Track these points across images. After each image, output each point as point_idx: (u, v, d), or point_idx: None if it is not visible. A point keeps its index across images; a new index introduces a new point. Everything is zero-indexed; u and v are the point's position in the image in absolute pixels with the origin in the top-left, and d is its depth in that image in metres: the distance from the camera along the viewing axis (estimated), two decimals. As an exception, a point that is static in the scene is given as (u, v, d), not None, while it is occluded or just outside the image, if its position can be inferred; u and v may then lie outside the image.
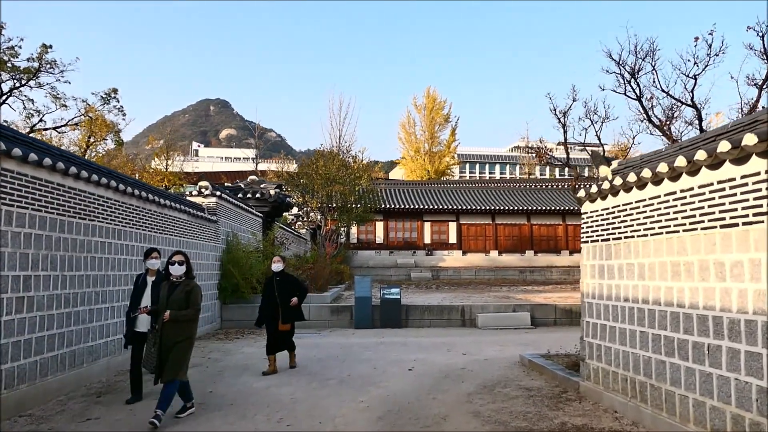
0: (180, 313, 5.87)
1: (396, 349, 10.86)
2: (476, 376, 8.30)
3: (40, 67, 29.04)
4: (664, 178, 5.38)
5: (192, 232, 12.23)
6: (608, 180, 6.41)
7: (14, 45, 27.72)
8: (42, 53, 28.96)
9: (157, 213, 10.26)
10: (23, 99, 30.20)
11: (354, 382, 7.92)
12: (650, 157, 6.15)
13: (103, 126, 35.27)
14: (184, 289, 6.00)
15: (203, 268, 13.01)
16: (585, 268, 7.07)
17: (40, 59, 28.84)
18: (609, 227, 6.48)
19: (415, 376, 8.33)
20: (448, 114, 54.71)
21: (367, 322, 14.41)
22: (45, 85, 29.98)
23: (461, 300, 17.40)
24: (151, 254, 6.90)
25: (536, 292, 21.63)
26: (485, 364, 9.26)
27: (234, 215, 15.73)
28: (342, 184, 24.60)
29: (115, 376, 8.16)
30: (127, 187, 8.74)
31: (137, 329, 6.63)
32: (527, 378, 8.10)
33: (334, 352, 10.42)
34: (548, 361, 8.60)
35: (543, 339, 12.11)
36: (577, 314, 15.14)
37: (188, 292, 5.99)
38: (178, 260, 6.06)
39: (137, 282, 6.86)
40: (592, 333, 6.83)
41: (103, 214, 8.17)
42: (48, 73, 29.42)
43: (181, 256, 6.10)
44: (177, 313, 5.85)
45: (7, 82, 28.52)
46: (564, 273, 32.56)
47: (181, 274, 6.06)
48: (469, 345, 11.34)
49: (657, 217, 5.53)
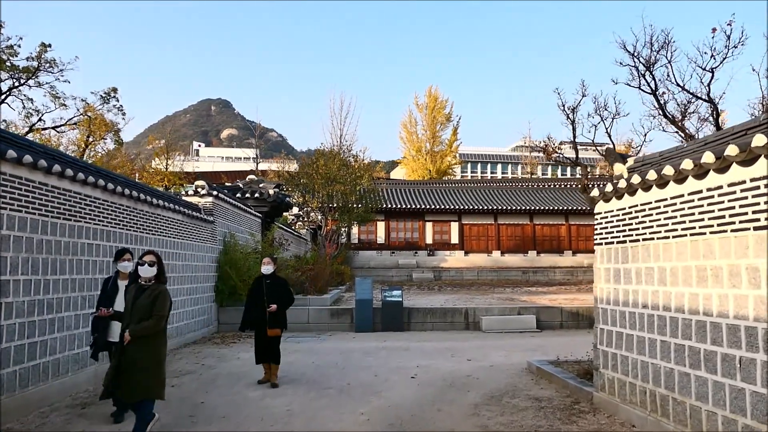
0: (140, 328, 4.99)
1: (398, 354, 10.47)
2: (482, 384, 7.89)
3: (39, 66, 28.71)
4: (689, 176, 4.97)
5: (187, 233, 11.84)
6: (625, 178, 6.00)
7: (13, 44, 27.40)
8: (41, 52, 28.63)
9: (150, 213, 9.87)
10: (22, 98, 29.88)
11: (354, 391, 7.52)
12: (670, 154, 5.75)
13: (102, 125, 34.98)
14: (152, 293, 5.15)
15: (199, 270, 12.63)
16: (599, 272, 6.66)
17: (39, 58, 28.53)
18: (626, 228, 6.07)
19: (419, 384, 7.93)
20: (450, 113, 54.22)
21: (368, 326, 14.01)
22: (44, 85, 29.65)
23: (464, 302, 17.00)
24: (122, 256, 6.33)
25: (540, 293, 21.21)
26: (491, 371, 8.85)
27: (231, 215, 15.34)
28: (343, 183, 24.21)
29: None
30: (116, 186, 8.35)
31: (110, 339, 6.04)
32: (536, 387, 7.69)
33: (334, 358, 10.02)
34: (558, 369, 8.19)
35: (550, 343, 11.71)
36: (584, 317, 14.74)
37: (155, 298, 5.13)
38: (149, 261, 5.22)
39: (105, 286, 6.33)
40: (606, 341, 6.42)
41: (90, 214, 7.77)
42: (47, 72, 29.07)
43: (153, 256, 5.30)
44: (135, 328, 4.98)
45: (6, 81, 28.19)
46: (567, 273, 32.16)
47: (150, 276, 5.23)
48: (473, 350, 10.94)
49: (680, 217, 5.12)
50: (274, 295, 7.94)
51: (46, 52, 28.85)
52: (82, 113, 33.08)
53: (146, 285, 5.23)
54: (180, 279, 11.39)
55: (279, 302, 7.92)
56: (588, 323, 14.65)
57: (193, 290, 12.18)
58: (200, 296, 12.73)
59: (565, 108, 14.42)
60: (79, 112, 32.92)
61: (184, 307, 11.62)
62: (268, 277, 8.11)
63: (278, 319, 7.95)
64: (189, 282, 11.93)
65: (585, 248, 36.24)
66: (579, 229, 36.46)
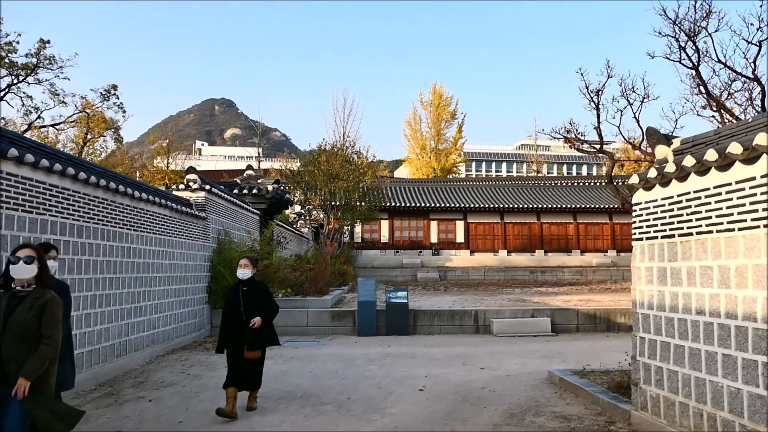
0: (32, 368, 3.58)
1: (404, 362, 9.57)
2: (500, 398, 6.99)
3: (38, 62, 28.04)
4: (763, 154, 4.06)
5: (176, 229, 10.97)
6: (672, 161, 5.09)
7: (12, 40, 26.78)
8: (40, 48, 27.96)
9: (131, 207, 9.00)
10: (21, 95, 29.22)
11: (355, 407, 6.63)
12: (730, 131, 4.83)
13: (101, 122, 34.28)
14: (34, 304, 3.70)
15: (189, 269, 11.76)
16: (638, 272, 5.74)
17: (38, 54, 27.84)
18: (674, 220, 5.15)
19: (428, 398, 7.03)
20: (455, 110, 53.26)
21: (371, 329, 13.11)
22: (44, 82, 29.04)
23: (473, 303, 16.07)
24: (47, 252, 4.55)
25: (552, 294, 20.27)
26: (508, 382, 7.94)
27: (226, 211, 14.47)
28: (345, 180, 23.37)
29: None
30: (90, 176, 7.48)
31: None
32: (561, 402, 6.78)
33: (333, 366, 9.12)
34: (585, 381, 7.27)
35: (568, 349, 10.79)
36: (601, 320, 13.82)
37: (41, 308, 3.69)
38: (24, 256, 3.76)
39: None
40: (649, 352, 5.50)
41: (57, 207, 6.90)
42: (46, 69, 28.47)
43: (30, 250, 3.84)
44: (28, 372, 3.56)
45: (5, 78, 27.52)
46: (576, 273, 31.19)
47: (28, 278, 3.78)
48: (486, 356, 10.03)
49: (749, 206, 4.21)
50: (252, 305, 6.25)
51: (45, 48, 28.20)
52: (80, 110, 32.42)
53: (23, 292, 3.77)
54: (167, 279, 10.53)
55: (260, 314, 6.25)
56: (605, 326, 13.74)
57: (182, 291, 11.31)
58: (191, 298, 11.86)
59: (589, 91, 13.24)
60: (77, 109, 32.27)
61: (172, 309, 10.75)
62: (245, 283, 6.39)
63: (260, 337, 6.26)
64: (177, 282, 11.06)
65: (593, 247, 35.32)
66: (588, 228, 35.52)
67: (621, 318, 13.84)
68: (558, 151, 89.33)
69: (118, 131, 36.26)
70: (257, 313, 6.22)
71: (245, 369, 6.18)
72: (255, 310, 6.24)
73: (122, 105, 34.70)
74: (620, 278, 30.15)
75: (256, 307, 6.27)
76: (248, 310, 6.20)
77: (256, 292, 6.37)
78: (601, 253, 35.16)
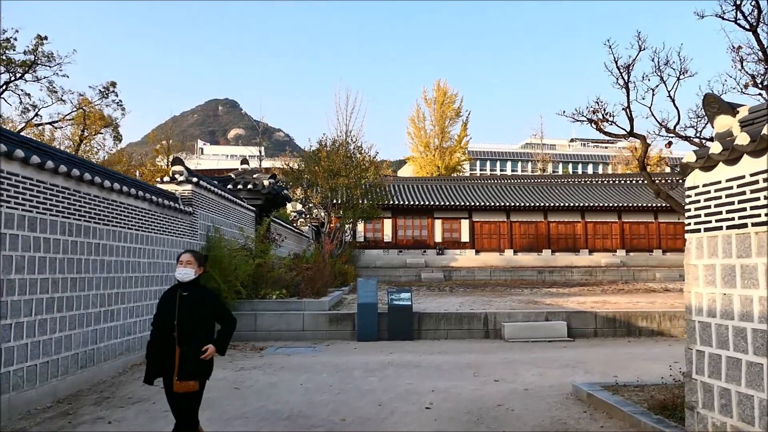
0: None
1: (408, 372, 8.54)
2: (520, 419, 5.96)
3: (36, 59, 27.24)
4: None
5: (157, 225, 9.98)
6: (745, 131, 4.06)
7: (10, 37, 26.05)
8: (37, 44, 27.15)
9: (101, 199, 7.99)
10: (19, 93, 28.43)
11: (350, 430, 5.61)
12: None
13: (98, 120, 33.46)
14: None
15: (173, 269, 10.74)
16: (694, 271, 4.71)
17: (36, 51, 27.03)
18: (746, 206, 4.13)
19: (435, 419, 6.01)
20: (459, 108, 52.14)
21: (372, 334, 12.09)
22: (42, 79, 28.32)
23: (481, 306, 15.03)
24: None
25: (563, 295, 19.20)
26: (528, 398, 6.91)
27: (217, 207, 13.47)
28: (347, 177, 22.39)
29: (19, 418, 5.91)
30: (46, 161, 6.48)
31: None
32: (594, 424, 5.74)
33: (328, 378, 8.10)
34: (618, 398, 6.24)
35: (590, 357, 9.75)
36: (621, 324, 12.78)
37: None
38: None
39: None
40: (710, 370, 4.47)
41: (2, 195, 5.90)
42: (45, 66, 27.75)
43: None
44: None
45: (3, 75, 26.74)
46: (585, 273, 30.12)
47: None
48: (499, 366, 9.00)
49: None
50: (190, 318, 4.36)
51: (42, 44, 27.39)
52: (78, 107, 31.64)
53: None
54: (145, 279, 9.53)
55: (200, 332, 4.39)
56: (626, 331, 12.71)
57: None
58: (175, 300, 10.85)
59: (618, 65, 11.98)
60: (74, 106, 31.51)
61: (150, 313, 9.74)
62: (185, 287, 4.51)
63: (195, 365, 4.30)
64: (158, 283, 10.05)
65: (602, 247, 34.25)
66: (596, 227, 34.44)
67: (642, 321, 12.81)
68: (563, 150, 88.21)
69: (117, 129, 35.49)
70: (198, 329, 4.37)
71: (177, 402, 4.37)
72: (194, 324, 4.35)
73: (121, 102, 34.02)
74: (631, 278, 29.08)
75: (193, 323, 4.35)
76: (184, 324, 4.32)
77: (200, 301, 4.45)
78: (609, 252, 34.08)
